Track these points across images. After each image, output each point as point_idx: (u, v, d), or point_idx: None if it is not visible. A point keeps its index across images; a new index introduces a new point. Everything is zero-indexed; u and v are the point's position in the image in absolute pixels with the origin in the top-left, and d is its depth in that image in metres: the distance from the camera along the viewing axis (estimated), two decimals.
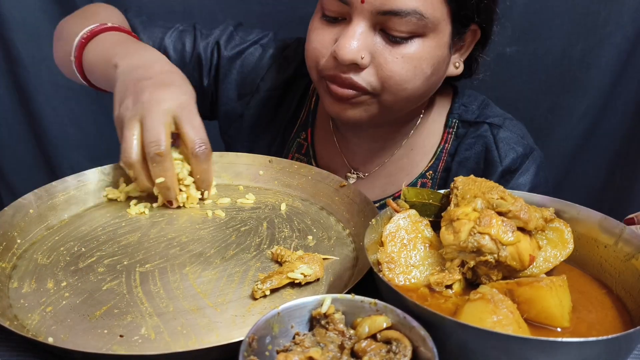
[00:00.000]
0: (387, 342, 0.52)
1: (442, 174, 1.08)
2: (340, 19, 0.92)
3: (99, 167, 0.91)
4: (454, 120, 1.09)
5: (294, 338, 0.54)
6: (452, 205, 0.66)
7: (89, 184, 0.89)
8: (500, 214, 0.62)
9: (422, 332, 0.51)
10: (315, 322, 0.55)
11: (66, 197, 0.86)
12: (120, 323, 0.63)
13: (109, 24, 1.04)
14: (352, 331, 0.54)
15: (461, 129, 1.09)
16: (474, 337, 0.51)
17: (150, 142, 0.81)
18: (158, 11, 1.47)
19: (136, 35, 1.09)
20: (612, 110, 1.60)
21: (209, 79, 1.15)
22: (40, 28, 1.49)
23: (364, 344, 0.52)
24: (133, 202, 0.88)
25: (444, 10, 0.90)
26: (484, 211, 0.62)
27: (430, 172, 1.08)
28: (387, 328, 0.53)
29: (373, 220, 0.68)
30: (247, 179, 0.97)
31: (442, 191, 0.72)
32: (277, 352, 0.51)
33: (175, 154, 0.87)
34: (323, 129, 1.14)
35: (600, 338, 0.49)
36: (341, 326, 0.54)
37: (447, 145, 1.09)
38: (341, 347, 0.53)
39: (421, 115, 1.08)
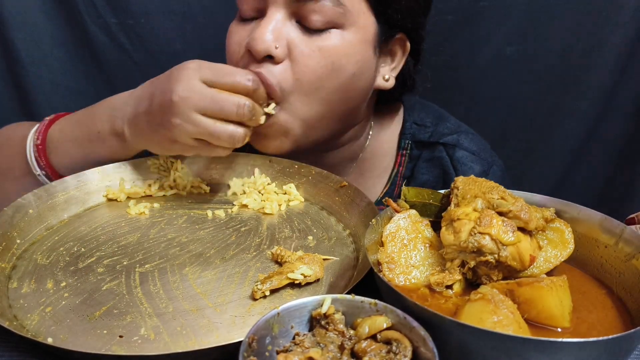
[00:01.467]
0: (387, 342, 0.52)
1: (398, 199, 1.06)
2: (257, 17, 0.88)
3: (99, 167, 0.90)
4: (407, 142, 1.05)
5: (293, 338, 0.54)
6: (452, 205, 0.66)
7: (89, 184, 0.89)
8: (500, 214, 0.62)
9: (423, 332, 0.51)
10: (315, 322, 0.55)
11: (66, 197, 0.86)
12: (119, 323, 0.63)
13: (47, 118, 0.95)
14: (352, 331, 0.54)
15: (415, 151, 1.05)
16: (474, 338, 0.51)
17: (236, 112, 0.78)
18: (158, 11, 1.47)
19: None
20: (613, 110, 1.60)
21: None
22: (40, 28, 1.48)
23: (364, 344, 0.52)
24: (133, 202, 0.88)
25: (364, 3, 0.86)
26: (485, 211, 0.62)
27: (387, 198, 1.04)
28: (388, 328, 0.53)
29: (373, 220, 0.68)
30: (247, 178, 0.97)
31: (442, 191, 0.72)
32: (277, 353, 0.51)
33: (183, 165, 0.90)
34: None
35: (600, 338, 0.49)
36: (341, 326, 0.54)
37: (401, 168, 1.05)
38: (341, 348, 0.53)
39: (369, 137, 1.03)
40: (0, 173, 0.97)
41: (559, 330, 0.58)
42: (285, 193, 0.92)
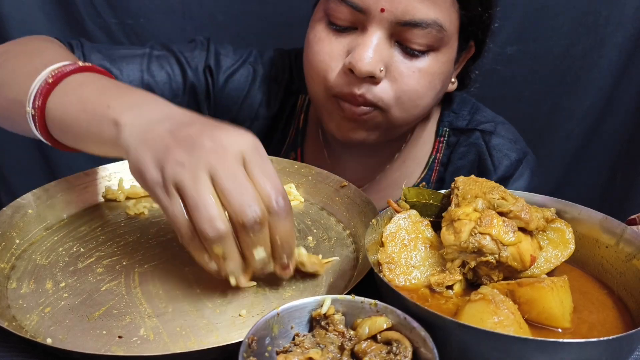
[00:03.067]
0: (388, 343, 0.52)
1: (435, 185, 1.07)
2: (351, 28, 0.87)
3: (98, 167, 0.90)
4: (445, 129, 1.07)
5: (293, 339, 0.54)
6: (452, 205, 0.66)
7: (88, 184, 0.89)
8: (501, 214, 0.62)
9: (423, 332, 0.51)
10: (315, 323, 0.55)
11: (65, 197, 0.86)
12: (119, 324, 0.63)
13: (80, 63, 0.78)
14: (352, 332, 0.54)
15: (452, 137, 1.07)
16: (474, 338, 0.51)
17: (242, 205, 0.58)
18: (158, 11, 1.47)
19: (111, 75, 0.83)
20: (613, 110, 1.60)
21: (207, 107, 1.05)
22: (40, 28, 1.48)
23: (364, 344, 0.52)
24: (132, 202, 0.88)
25: (457, 24, 0.88)
26: (485, 211, 0.61)
27: (424, 183, 1.05)
28: (388, 329, 0.53)
29: (373, 220, 0.68)
30: None
31: (442, 191, 0.72)
32: (277, 353, 0.51)
33: None
34: (313, 146, 1.10)
35: (601, 339, 0.49)
36: (341, 327, 0.54)
37: (439, 154, 1.07)
38: (341, 348, 0.53)
39: (412, 128, 1.06)
40: (2, 83, 0.82)
41: (560, 330, 0.57)
42: None
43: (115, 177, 0.91)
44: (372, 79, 0.86)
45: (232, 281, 0.63)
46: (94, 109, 0.70)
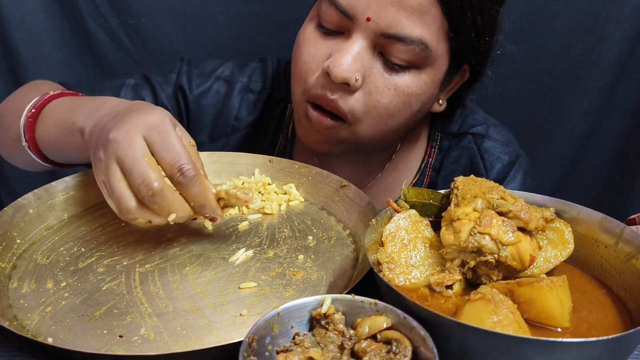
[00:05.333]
0: (387, 342, 0.52)
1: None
2: (338, 33, 0.87)
3: None
4: (437, 133, 1.06)
5: (294, 338, 0.54)
6: (452, 205, 0.66)
7: (89, 184, 0.89)
8: (500, 214, 0.62)
9: (422, 332, 0.51)
10: (315, 322, 0.55)
11: (66, 197, 0.86)
12: (119, 323, 0.63)
13: (51, 92, 0.91)
14: (352, 331, 0.54)
15: (445, 142, 1.06)
16: (474, 338, 0.51)
17: (138, 186, 0.67)
18: (159, 11, 1.47)
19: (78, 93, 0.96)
20: (613, 109, 1.60)
21: (183, 125, 1.04)
22: (40, 28, 1.48)
23: (364, 344, 0.52)
24: None
25: (446, 46, 0.86)
26: (485, 211, 0.62)
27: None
28: (387, 328, 0.53)
29: (373, 220, 0.68)
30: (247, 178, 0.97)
31: (442, 191, 0.72)
32: (277, 353, 0.51)
33: None
34: (303, 154, 1.09)
35: (600, 338, 0.49)
36: (341, 326, 0.54)
37: (431, 159, 1.07)
38: (341, 348, 0.53)
39: (404, 135, 1.05)
40: (3, 127, 0.97)
41: (559, 330, 0.58)
42: (285, 193, 0.92)
43: None
44: (348, 87, 0.85)
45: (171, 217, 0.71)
46: (65, 127, 0.82)
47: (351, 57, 0.83)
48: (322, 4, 0.87)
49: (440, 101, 0.98)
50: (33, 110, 0.88)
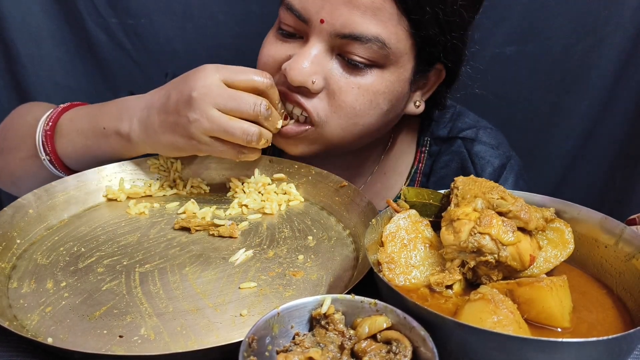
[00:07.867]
0: (387, 342, 0.52)
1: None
2: (297, 36, 0.87)
3: (99, 167, 0.90)
4: (426, 138, 1.06)
5: (293, 338, 0.54)
6: (452, 205, 0.66)
7: (89, 184, 0.89)
8: (500, 214, 0.62)
9: (422, 332, 0.51)
10: (315, 322, 0.55)
11: (66, 197, 0.86)
12: (119, 323, 0.63)
13: (62, 106, 0.96)
14: (352, 331, 0.54)
15: (434, 147, 1.05)
16: (474, 338, 0.51)
17: (253, 108, 0.79)
18: (159, 11, 1.47)
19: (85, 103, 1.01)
20: (613, 110, 1.60)
21: None
22: (40, 28, 1.48)
23: (364, 344, 0.52)
24: (133, 202, 0.88)
25: (408, 43, 0.85)
26: (485, 211, 0.62)
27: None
28: (387, 328, 0.53)
29: (373, 220, 0.68)
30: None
31: (442, 191, 0.72)
32: (277, 353, 0.51)
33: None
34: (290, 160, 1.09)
35: (600, 338, 0.49)
36: (341, 326, 0.54)
37: (421, 165, 1.06)
38: (341, 348, 0.53)
39: (391, 138, 1.04)
40: (8, 150, 0.99)
41: (559, 330, 0.58)
42: (285, 193, 0.92)
43: (115, 177, 0.91)
44: (307, 90, 0.85)
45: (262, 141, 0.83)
46: (95, 135, 0.89)
47: (307, 61, 0.84)
48: (281, 9, 0.88)
49: (417, 102, 0.97)
50: (50, 124, 0.92)
